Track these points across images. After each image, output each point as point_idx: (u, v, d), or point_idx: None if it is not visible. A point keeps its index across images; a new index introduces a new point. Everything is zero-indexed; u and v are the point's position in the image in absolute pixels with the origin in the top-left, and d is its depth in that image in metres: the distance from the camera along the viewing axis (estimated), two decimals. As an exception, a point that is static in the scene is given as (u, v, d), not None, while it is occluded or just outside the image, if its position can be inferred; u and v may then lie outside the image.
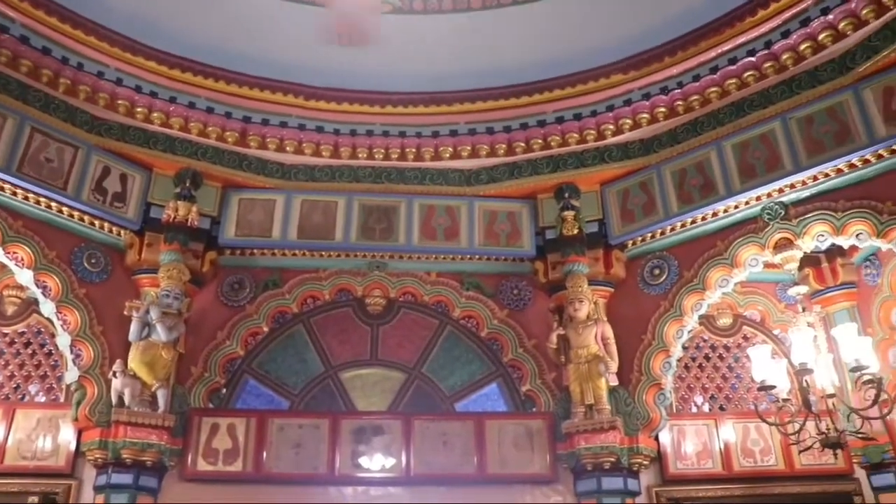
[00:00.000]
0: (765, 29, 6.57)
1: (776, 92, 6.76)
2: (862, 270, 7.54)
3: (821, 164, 6.47)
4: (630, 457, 6.84)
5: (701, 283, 6.98)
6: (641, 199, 7.41)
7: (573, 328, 7.07)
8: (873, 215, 6.21)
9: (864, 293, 7.52)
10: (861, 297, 7.55)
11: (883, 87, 6.24)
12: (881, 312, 7.26)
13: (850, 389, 6.79)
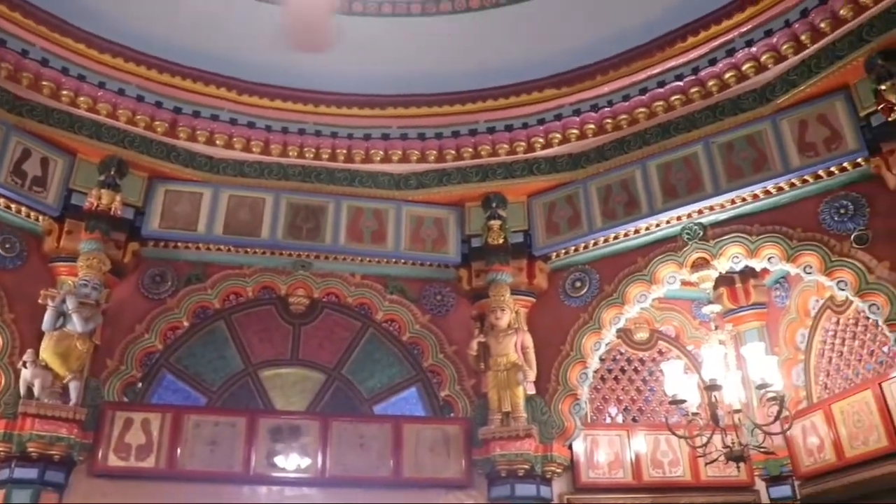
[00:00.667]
0: (693, 55, 6.81)
1: (701, 117, 7.00)
2: (772, 292, 7.88)
3: (739, 188, 6.74)
4: (544, 464, 6.95)
5: (620, 297, 7.17)
6: (567, 212, 7.56)
7: (494, 336, 7.17)
8: (784, 240, 6.50)
9: (773, 314, 7.85)
10: (770, 317, 7.89)
11: (798, 119, 6.56)
12: (787, 333, 7.61)
13: (756, 406, 7.04)
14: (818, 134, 6.44)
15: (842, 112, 6.37)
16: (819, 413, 7.16)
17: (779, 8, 6.37)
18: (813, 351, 7.48)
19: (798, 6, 6.30)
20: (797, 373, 7.64)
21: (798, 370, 7.62)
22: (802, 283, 7.18)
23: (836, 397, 7.06)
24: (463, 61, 7.30)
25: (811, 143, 6.47)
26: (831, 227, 6.37)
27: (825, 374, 7.37)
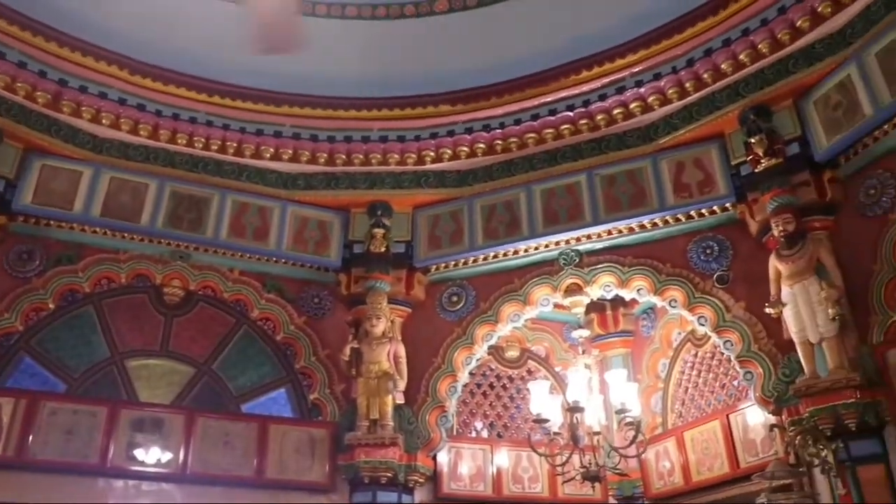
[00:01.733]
0: (585, 88, 7.08)
1: (587, 148, 7.27)
2: (639, 322, 8.24)
3: (616, 220, 7.05)
4: (407, 473, 7.04)
5: (495, 315, 7.34)
6: (450, 227, 7.68)
7: (367, 343, 7.21)
8: (654, 274, 6.82)
9: (638, 342, 8.20)
10: (635, 345, 8.23)
11: (677, 161, 6.93)
12: (650, 362, 7.97)
13: (615, 429, 7.32)
14: (693, 176, 6.81)
15: (716, 158, 6.76)
16: (672, 439, 7.54)
17: (667, 55, 6.71)
18: (672, 380, 7.87)
19: (685, 55, 6.64)
20: (656, 400, 8.01)
21: (657, 397, 7.98)
22: (667, 316, 7.53)
23: (688, 425, 7.46)
24: (363, 69, 7.35)
25: (686, 184, 6.83)
26: (697, 265, 6.74)
27: (681, 403, 7.76)
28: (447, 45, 7.25)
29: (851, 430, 5.51)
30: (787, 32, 6.20)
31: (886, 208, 5.81)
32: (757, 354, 6.21)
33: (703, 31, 6.56)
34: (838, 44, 6.10)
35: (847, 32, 6.05)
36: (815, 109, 6.29)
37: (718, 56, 6.49)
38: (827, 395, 5.59)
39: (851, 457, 5.51)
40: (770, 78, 6.39)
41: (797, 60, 6.29)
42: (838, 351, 5.68)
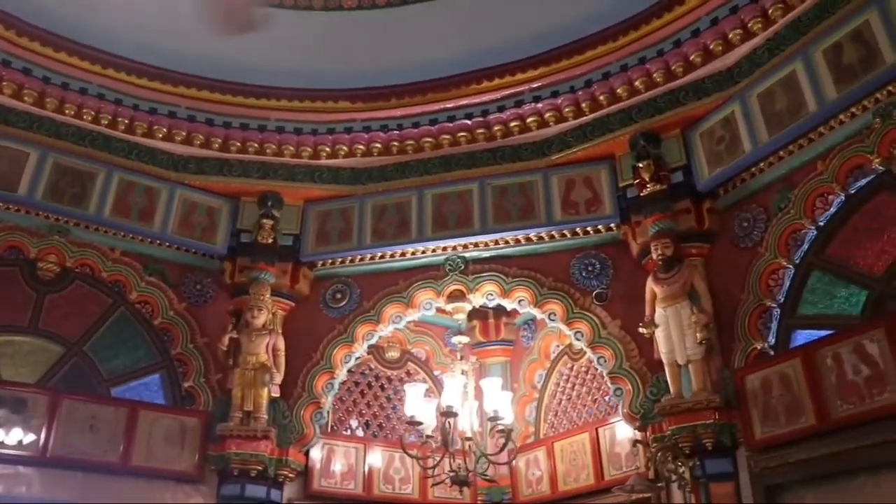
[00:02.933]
0: (485, 98, 7.19)
1: (482, 157, 7.37)
2: (520, 332, 8.40)
3: (504, 231, 7.17)
4: (277, 468, 6.95)
5: (377, 315, 7.34)
6: (340, 224, 7.65)
7: (247, 334, 7.11)
8: (536, 286, 6.96)
9: (518, 352, 8.38)
10: (515, 354, 8.40)
11: (567, 178, 7.11)
12: (528, 372, 8.14)
13: (488, 436, 7.43)
14: (582, 195, 7.01)
15: (605, 179, 6.97)
16: (543, 449, 7.73)
17: (567, 74, 6.87)
18: (547, 391, 8.07)
19: (584, 76, 6.82)
20: (530, 409, 8.20)
21: (532, 407, 8.17)
22: (547, 328, 7.69)
23: (559, 436, 7.67)
24: (265, 57, 7.20)
25: (574, 201, 7.02)
26: (578, 281, 6.92)
27: (554, 414, 7.96)
28: (352, 42, 7.22)
29: (708, 449, 5.79)
30: (680, 65, 6.46)
31: (756, 241, 6.12)
32: (628, 372, 6.42)
33: (603, 54, 6.75)
34: (726, 81, 6.40)
35: (735, 72, 6.36)
36: (700, 141, 6.57)
37: (615, 80, 6.70)
38: (688, 415, 5.85)
39: (706, 474, 5.79)
40: (661, 106, 6.64)
41: (688, 93, 6.55)
42: (703, 373, 5.94)
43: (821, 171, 5.76)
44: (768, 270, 5.95)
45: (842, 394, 5.17)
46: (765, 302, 5.92)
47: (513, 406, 7.66)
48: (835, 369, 5.24)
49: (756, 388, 5.69)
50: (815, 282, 5.81)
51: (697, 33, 6.33)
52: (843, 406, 5.16)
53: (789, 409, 5.46)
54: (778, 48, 6.07)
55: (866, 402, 5.04)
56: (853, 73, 5.54)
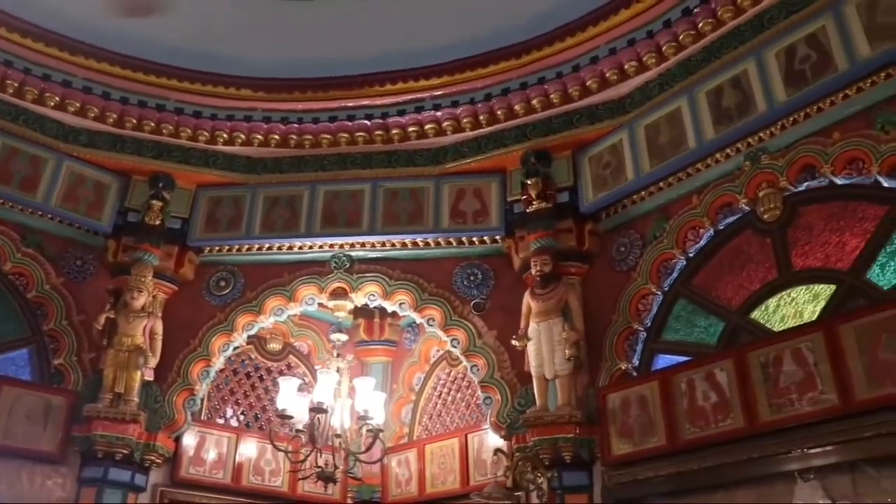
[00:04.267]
0: (386, 101, 7.24)
1: (377, 158, 7.44)
2: (404, 333, 8.50)
3: (392, 234, 7.24)
4: (144, 452, 6.81)
5: (258, 306, 7.31)
6: (231, 212, 7.57)
7: (125, 315, 6.97)
8: (417, 291, 7.07)
9: (400, 353, 8.48)
10: (397, 355, 8.50)
11: (458, 187, 7.24)
12: (407, 374, 8.26)
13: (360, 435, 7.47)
14: (470, 205, 7.14)
15: (494, 192, 7.11)
16: (414, 450, 7.84)
17: (468, 86, 6.99)
18: (424, 394, 8.20)
19: (484, 90, 6.96)
20: (407, 411, 8.31)
21: (408, 409, 8.29)
22: (429, 332, 7.78)
23: (431, 439, 7.80)
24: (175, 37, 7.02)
25: (463, 211, 7.15)
26: (459, 289, 7.05)
27: (428, 417, 8.10)
28: (261, 31, 7.12)
29: (566, 462, 6.00)
30: (577, 89, 6.68)
31: (631, 266, 6.38)
32: (498, 382, 6.58)
33: (505, 70, 6.88)
34: (618, 109, 6.65)
35: (627, 101, 6.61)
36: (588, 164, 6.80)
37: (514, 97, 6.86)
38: (551, 428, 6.06)
39: (563, 485, 6.00)
40: (555, 127, 6.85)
41: (581, 116, 6.78)
42: (568, 389, 6.15)
43: (695, 205, 6.05)
44: (639, 295, 6.20)
45: (691, 417, 5.45)
46: (633, 325, 6.17)
47: (389, 407, 7.86)
48: (687, 394, 5.51)
49: (616, 406, 5.92)
50: (680, 309, 6.09)
51: (596, 61, 6.54)
52: (691, 429, 5.44)
53: (644, 428, 5.70)
54: (668, 84, 6.36)
55: (712, 426, 5.32)
56: (730, 117, 5.87)
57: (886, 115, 5.15)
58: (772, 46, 5.76)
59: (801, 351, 5.01)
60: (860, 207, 5.25)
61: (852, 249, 5.22)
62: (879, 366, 4.63)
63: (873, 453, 4.61)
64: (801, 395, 4.94)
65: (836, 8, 5.43)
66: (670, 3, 6.13)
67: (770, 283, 5.60)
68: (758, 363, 5.20)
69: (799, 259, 5.49)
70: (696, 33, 6.11)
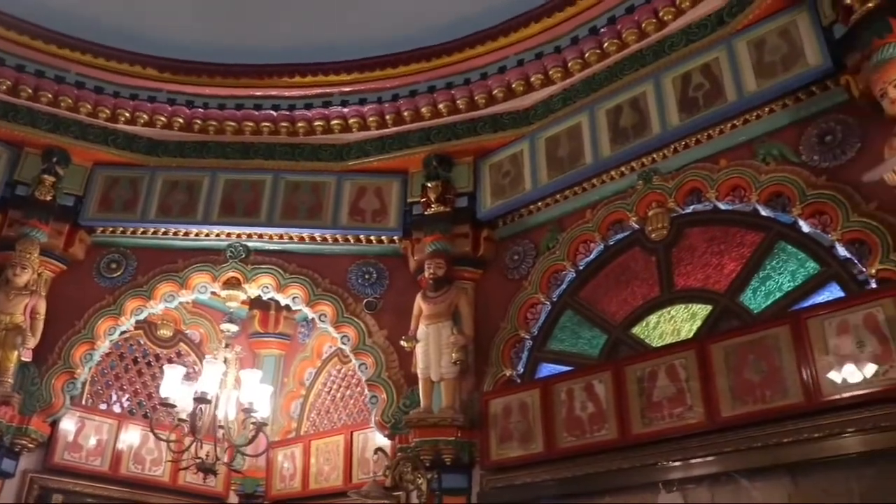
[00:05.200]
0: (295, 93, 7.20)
1: (281, 150, 7.38)
2: (299, 327, 8.43)
3: (290, 227, 7.21)
4: (16, 436, 6.54)
5: (149, 291, 7.15)
6: (127, 193, 7.35)
7: (5, 292, 6.68)
8: (311, 285, 7.05)
9: (293, 347, 8.43)
10: (290, 349, 8.44)
11: (360, 185, 7.29)
12: (298, 368, 8.22)
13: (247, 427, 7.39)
14: (371, 204, 7.18)
15: (395, 192, 7.16)
16: (300, 445, 7.80)
17: (378, 85, 7.01)
18: (314, 390, 8.17)
19: (392, 90, 6.99)
20: (296, 406, 8.26)
21: (297, 404, 8.24)
22: (321, 328, 7.75)
23: (317, 435, 7.79)
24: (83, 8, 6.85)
25: (363, 209, 7.18)
26: (354, 287, 7.07)
27: (317, 413, 8.07)
28: (173, 11, 7.00)
29: (447, 464, 6.06)
30: (483, 96, 6.79)
31: (523, 274, 6.50)
32: (385, 381, 6.62)
33: (415, 72, 6.94)
34: (521, 120, 6.78)
35: (531, 113, 6.75)
36: (488, 172, 6.91)
37: (421, 99, 6.92)
38: (433, 430, 6.11)
39: (441, 487, 6.05)
40: (459, 132, 6.93)
41: (485, 124, 6.88)
42: (453, 392, 6.22)
43: (588, 219, 6.21)
44: (528, 304, 6.32)
45: (568, 426, 5.60)
46: (520, 333, 6.28)
47: (278, 401, 7.82)
48: (567, 403, 5.66)
49: (498, 412, 6.02)
50: (566, 320, 6.23)
51: (504, 70, 6.65)
52: (567, 437, 5.59)
53: (523, 435, 5.82)
54: (570, 99, 6.52)
55: (587, 435, 5.48)
56: (626, 136, 6.06)
57: (767, 148, 5.43)
58: (670, 72, 5.98)
59: (675, 367, 5.21)
60: (739, 233, 5.49)
61: (729, 273, 5.44)
62: (744, 385, 4.85)
63: (735, 466, 4.85)
64: (672, 409, 5.12)
65: (730, 42, 5.69)
66: (578, 21, 6.29)
67: (652, 300, 5.78)
68: (634, 377, 5.38)
69: (681, 279, 5.69)
70: (601, 52, 6.29)
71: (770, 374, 4.77)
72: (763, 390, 4.79)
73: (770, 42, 5.49)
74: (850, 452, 4.44)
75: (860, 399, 4.41)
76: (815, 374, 4.58)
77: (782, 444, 4.68)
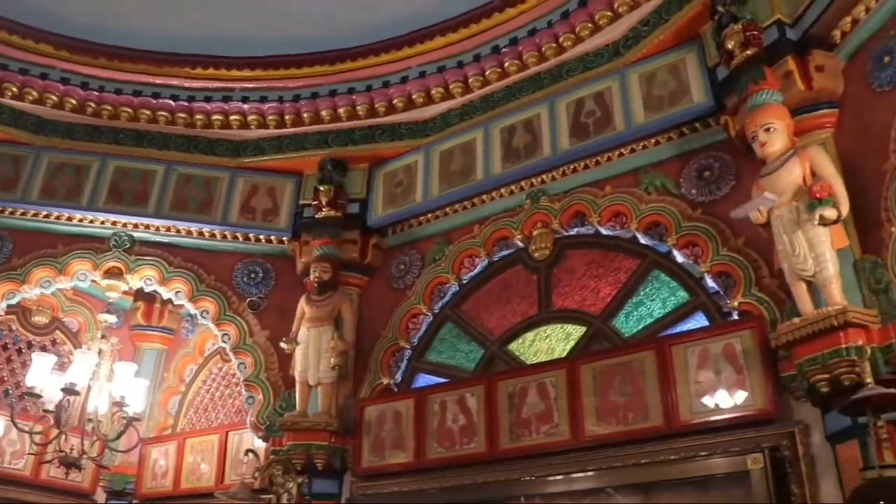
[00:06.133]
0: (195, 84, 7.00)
1: (176, 141, 7.18)
2: (183, 322, 8.27)
3: (179, 220, 7.04)
4: None
5: (24, 275, 6.84)
6: (8, 171, 6.90)
7: None
8: (195, 281, 6.93)
9: (176, 342, 8.27)
10: (173, 344, 8.25)
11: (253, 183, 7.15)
12: (179, 364, 8.07)
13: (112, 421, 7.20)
14: (262, 203, 7.07)
15: (288, 193, 7.09)
16: (175, 443, 7.66)
17: (281, 84, 6.91)
18: (194, 387, 8.03)
19: (294, 90, 6.92)
20: (174, 402, 8.11)
21: (176, 400, 8.08)
22: (202, 324, 7.62)
23: (193, 433, 7.67)
24: None
25: (253, 207, 7.05)
26: (239, 285, 6.97)
27: (195, 411, 7.94)
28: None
29: (318, 469, 6.02)
30: (383, 105, 6.78)
31: (408, 284, 6.54)
32: (263, 382, 6.54)
33: (318, 74, 6.87)
34: (419, 131, 6.82)
35: (429, 125, 6.79)
36: (382, 180, 6.91)
37: (322, 102, 6.88)
38: (307, 434, 6.06)
39: (312, 493, 6.01)
40: (357, 139, 6.91)
41: (384, 132, 6.89)
42: (329, 397, 6.19)
43: (475, 234, 6.28)
44: (410, 314, 6.36)
45: (439, 437, 5.65)
46: (400, 342, 6.31)
47: (156, 396, 7.69)
48: (439, 415, 5.71)
49: (373, 419, 6.03)
50: (446, 332, 6.28)
51: (405, 81, 6.67)
52: (438, 448, 5.64)
53: (395, 443, 5.85)
54: (468, 115, 6.59)
55: (457, 448, 5.54)
56: (518, 156, 6.16)
57: (650, 178, 5.60)
58: (564, 97, 6.11)
59: (546, 385, 5.32)
60: (618, 258, 5.64)
61: (605, 296, 5.59)
62: (609, 406, 4.99)
63: (597, 484, 5.02)
64: (539, 426, 5.23)
65: (624, 74, 5.85)
66: (482, 40, 6.35)
67: (530, 318, 5.89)
68: (506, 392, 5.48)
69: (559, 299, 5.81)
70: (501, 71, 6.37)
71: (634, 397, 4.93)
72: (626, 412, 4.94)
73: (660, 77, 5.66)
74: (700, 475, 4.64)
75: (713, 424, 4.62)
76: (674, 399, 4.75)
77: (640, 464, 4.82)
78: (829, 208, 4.12)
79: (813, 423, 4.34)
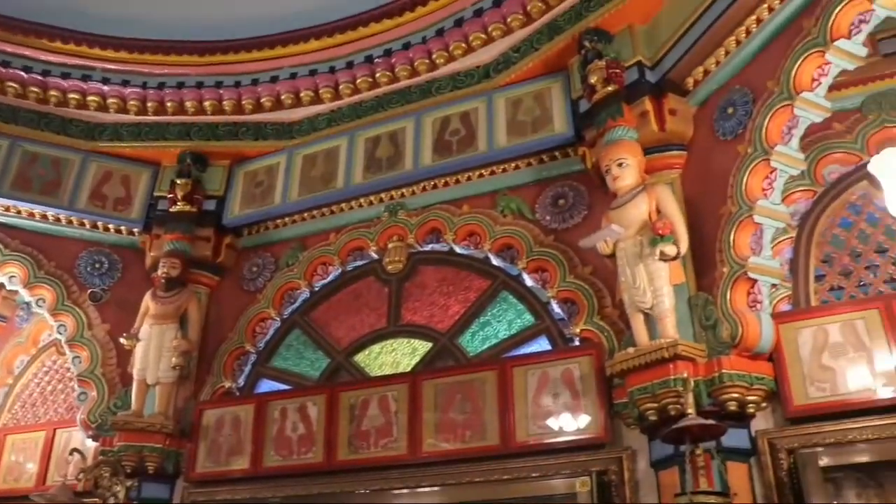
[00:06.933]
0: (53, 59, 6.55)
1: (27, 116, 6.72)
2: (18, 310, 7.79)
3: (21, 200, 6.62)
4: None
5: None
6: None
7: None
8: (32, 266, 6.54)
9: (8, 330, 7.77)
10: (4, 332, 7.76)
11: (106, 169, 6.81)
12: (10, 354, 7.61)
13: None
14: (114, 191, 6.73)
15: (143, 183, 6.81)
16: (-8, 438, 7.15)
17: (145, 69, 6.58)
18: (23, 379, 7.55)
19: (159, 77, 6.64)
20: (0, 395, 7.59)
21: (2, 393, 7.56)
22: (37, 313, 7.21)
23: (16, 429, 7.17)
24: None
25: (105, 195, 6.68)
26: (81, 274, 6.65)
27: (21, 405, 7.45)
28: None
29: (149, 473, 5.80)
30: (251, 102, 6.60)
31: (259, 287, 6.43)
32: (98, 378, 6.25)
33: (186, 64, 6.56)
34: (285, 133, 6.71)
35: (295, 127, 6.69)
36: (242, 179, 6.75)
37: (187, 93, 6.61)
38: (140, 435, 5.82)
39: (141, 497, 5.79)
40: (220, 134, 6.72)
41: (248, 130, 6.74)
42: (167, 398, 5.98)
43: (331, 242, 6.23)
44: (259, 318, 6.24)
45: (277, 445, 5.56)
46: (245, 346, 6.17)
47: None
48: (279, 422, 5.62)
49: (211, 423, 5.87)
50: (293, 339, 6.19)
51: (275, 80, 6.52)
52: (275, 456, 5.55)
53: (232, 449, 5.72)
54: (335, 121, 6.53)
55: (294, 457, 5.47)
56: (380, 167, 6.17)
57: (507, 201, 5.71)
58: (431, 113, 6.15)
59: (387, 399, 5.33)
60: (469, 277, 5.73)
61: (454, 314, 5.66)
62: (448, 423, 5.04)
63: (431, 500, 5.05)
64: (378, 439, 5.22)
65: (491, 96, 5.95)
66: (356, 48, 6.28)
67: (378, 331, 5.89)
68: (348, 403, 5.46)
69: (408, 313, 5.83)
70: (372, 81, 6.35)
71: (473, 415, 5.00)
72: (465, 430, 5.01)
73: (526, 103, 5.78)
74: (532, 497, 4.73)
75: (547, 447, 4.75)
76: (512, 420, 4.85)
77: (475, 482, 4.87)
78: (670, 245, 4.31)
79: (640, 449, 4.52)
